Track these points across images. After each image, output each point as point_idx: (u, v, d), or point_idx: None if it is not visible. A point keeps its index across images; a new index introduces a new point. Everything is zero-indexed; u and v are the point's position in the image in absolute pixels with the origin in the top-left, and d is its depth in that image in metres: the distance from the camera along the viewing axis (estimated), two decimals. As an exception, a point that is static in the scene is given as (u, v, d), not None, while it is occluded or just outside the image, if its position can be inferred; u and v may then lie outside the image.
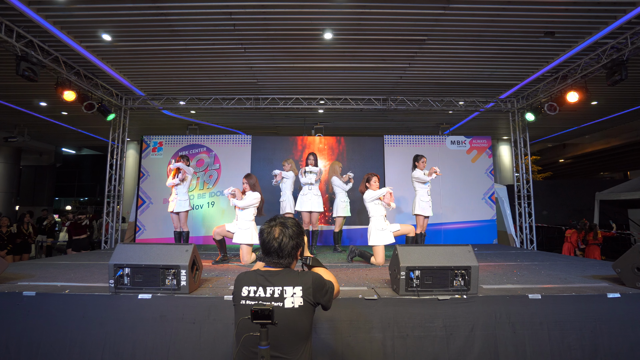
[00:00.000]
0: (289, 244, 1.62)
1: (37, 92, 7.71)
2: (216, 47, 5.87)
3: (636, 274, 3.13)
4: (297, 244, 1.66)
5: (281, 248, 1.62)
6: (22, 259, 7.51)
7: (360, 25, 5.23)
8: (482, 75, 6.95)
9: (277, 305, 1.51)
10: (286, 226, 1.66)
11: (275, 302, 1.52)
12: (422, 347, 2.72)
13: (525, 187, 8.01)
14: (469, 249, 3.06)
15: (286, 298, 1.53)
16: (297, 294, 1.54)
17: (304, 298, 1.54)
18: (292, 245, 1.63)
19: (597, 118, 10.00)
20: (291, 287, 1.55)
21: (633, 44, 5.16)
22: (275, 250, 1.62)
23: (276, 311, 1.47)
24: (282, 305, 1.53)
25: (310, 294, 1.56)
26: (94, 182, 20.38)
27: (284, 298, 1.54)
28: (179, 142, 8.26)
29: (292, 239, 1.64)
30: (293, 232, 1.65)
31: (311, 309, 1.58)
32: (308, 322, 1.56)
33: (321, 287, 1.62)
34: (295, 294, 1.54)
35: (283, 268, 1.64)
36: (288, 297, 1.53)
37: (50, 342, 2.76)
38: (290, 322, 1.51)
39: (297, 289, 1.55)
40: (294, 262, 1.70)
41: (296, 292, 1.54)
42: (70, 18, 5.00)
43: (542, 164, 19.19)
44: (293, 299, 1.53)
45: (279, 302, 1.53)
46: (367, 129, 10.99)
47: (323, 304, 1.63)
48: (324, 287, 1.64)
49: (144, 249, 3.06)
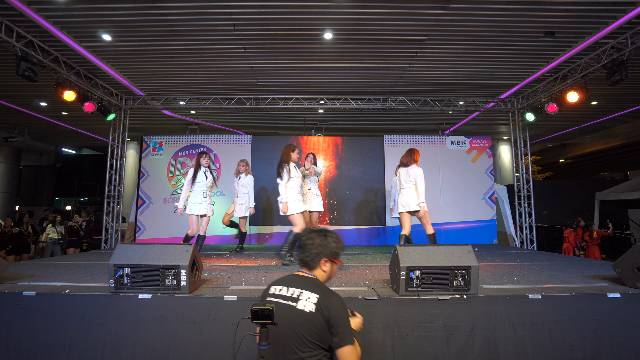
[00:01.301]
0: (313, 250, 1.68)
1: (37, 92, 7.71)
2: (216, 47, 5.87)
3: (636, 274, 3.13)
4: (321, 252, 1.69)
5: (306, 251, 1.69)
6: (22, 259, 7.52)
7: (360, 25, 5.22)
8: (482, 75, 6.95)
9: (291, 304, 1.58)
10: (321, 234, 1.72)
11: (292, 302, 1.59)
12: (422, 347, 2.71)
13: (525, 187, 8.01)
14: (469, 249, 3.06)
15: (300, 300, 1.58)
16: (311, 299, 1.57)
17: (317, 306, 1.55)
18: (315, 252, 1.68)
19: (597, 118, 10.00)
20: (309, 292, 1.60)
21: (633, 44, 5.16)
22: (302, 251, 1.71)
23: (289, 310, 1.56)
24: (295, 306, 1.57)
25: (323, 307, 1.55)
26: (94, 182, 20.38)
27: (299, 299, 1.58)
28: (179, 142, 8.27)
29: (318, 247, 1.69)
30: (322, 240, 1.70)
31: (321, 322, 1.54)
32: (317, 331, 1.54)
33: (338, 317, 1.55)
34: (309, 298, 1.58)
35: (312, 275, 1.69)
36: (303, 299, 1.58)
37: (50, 342, 2.76)
38: (297, 325, 1.54)
39: (313, 295, 1.58)
40: (319, 270, 1.71)
41: (311, 298, 1.58)
42: (70, 18, 5.00)
43: (542, 164, 19.19)
44: (306, 302, 1.57)
45: (294, 303, 1.58)
46: (367, 129, 10.99)
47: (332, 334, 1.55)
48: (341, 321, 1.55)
49: (144, 249, 3.06)
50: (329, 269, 1.73)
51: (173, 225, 7.84)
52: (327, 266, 1.72)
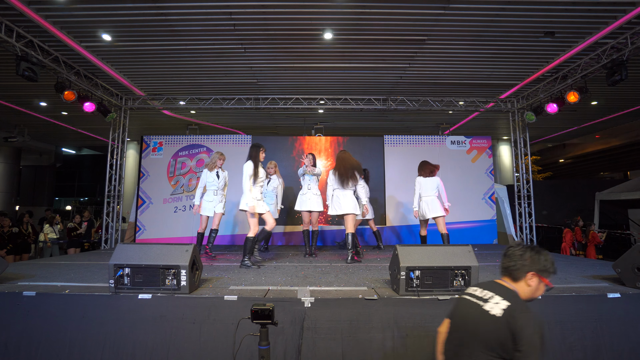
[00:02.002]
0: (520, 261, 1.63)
1: (37, 92, 7.71)
2: (216, 47, 5.87)
3: (636, 274, 3.13)
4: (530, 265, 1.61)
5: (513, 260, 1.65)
6: (22, 259, 7.51)
7: (360, 25, 5.22)
8: (482, 75, 6.95)
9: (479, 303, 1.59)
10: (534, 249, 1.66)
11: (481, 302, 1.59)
12: (422, 347, 2.71)
13: (525, 187, 8.01)
14: (469, 249, 3.06)
15: (489, 302, 1.57)
16: (500, 304, 1.54)
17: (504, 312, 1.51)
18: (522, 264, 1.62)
19: (597, 118, 10.00)
20: (500, 297, 1.56)
21: (633, 44, 5.15)
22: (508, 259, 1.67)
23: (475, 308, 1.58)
24: (482, 305, 1.57)
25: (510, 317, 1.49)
26: (94, 182, 20.35)
27: (488, 301, 1.57)
28: (179, 142, 8.26)
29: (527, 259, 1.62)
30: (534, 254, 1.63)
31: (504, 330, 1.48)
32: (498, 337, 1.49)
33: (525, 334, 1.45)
34: (498, 303, 1.54)
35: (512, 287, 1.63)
36: (491, 302, 1.56)
37: (50, 342, 2.76)
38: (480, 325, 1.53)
39: (503, 302, 1.54)
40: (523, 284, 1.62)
41: (500, 303, 1.54)
42: (70, 18, 5.00)
43: (542, 164, 19.19)
44: (494, 305, 1.54)
45: (483, 303, 1.58)
46: (367, 129, 10.99)
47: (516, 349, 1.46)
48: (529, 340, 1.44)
49: (144, 249, 3.06)
50: (535, 285, 1.61)
51: (173, 225, 7.84)
52: (534, 281, 1.60)
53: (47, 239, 8.14)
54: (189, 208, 7.84)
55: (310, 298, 2.83)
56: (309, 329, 2.72)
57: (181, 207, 7.95)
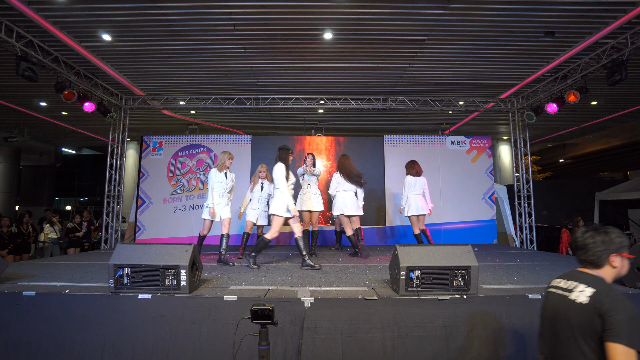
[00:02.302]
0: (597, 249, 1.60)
1: (37, 92, 7.71)
2: (216, 47, 5.87)
3: (636, 274, 3.13)
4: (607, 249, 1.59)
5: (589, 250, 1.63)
6: (22, 259, 7.51)
7: (360, 25, 5.22)
8: (482, 75, 6.95)
9: (564, 294, 1.58)
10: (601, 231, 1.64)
11: (566, 292, 1.58)
12: (422, 347, 2.72)
13: (525, 187, 8.01)
14: (469, 249, 3.06)
15: (574, 291, 1.56)
16: (585, 292, 1.53)
17: (591, 299, 1.49)
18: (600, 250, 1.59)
19: (597, 118, 10.00)
20: (585, 285, 1.55)
21: (633, 44, 5.15)
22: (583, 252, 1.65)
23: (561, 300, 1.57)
24: (568, 296, 1.56)
25: (597, 301, 1.47)
26: (94, 182, 20.35)
27: (572, 291, 1.57)
28: (179, 142, 8.27)
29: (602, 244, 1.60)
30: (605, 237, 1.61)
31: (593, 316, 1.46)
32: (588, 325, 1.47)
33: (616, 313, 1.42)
34: (583, 291, 1.54)
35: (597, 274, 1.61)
36: (576, 291, 1.55)
37: (50, 342, 2.76)
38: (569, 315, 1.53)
39: (588, 289, 1.53)
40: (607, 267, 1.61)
41: (585, 291, 1.53)
42: (70, 18, 5.00)
43: (542, 164, 19.19)
44: (579, 294, 1.54)
45: (568, 294, 1.57)
46: (367, 129, 10.99)
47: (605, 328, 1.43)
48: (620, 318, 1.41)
49: (144, 249, 3.06)
50: (620, 264, 1.61)
51: (173, 225, 7.85)
52: (617, 261, 1.60)
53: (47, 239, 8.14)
54: (189, 208, 7.84)
55: (310, 298, 2.83)
56: (309, 329, 2.73)
57: (181, 207, 7.95)
